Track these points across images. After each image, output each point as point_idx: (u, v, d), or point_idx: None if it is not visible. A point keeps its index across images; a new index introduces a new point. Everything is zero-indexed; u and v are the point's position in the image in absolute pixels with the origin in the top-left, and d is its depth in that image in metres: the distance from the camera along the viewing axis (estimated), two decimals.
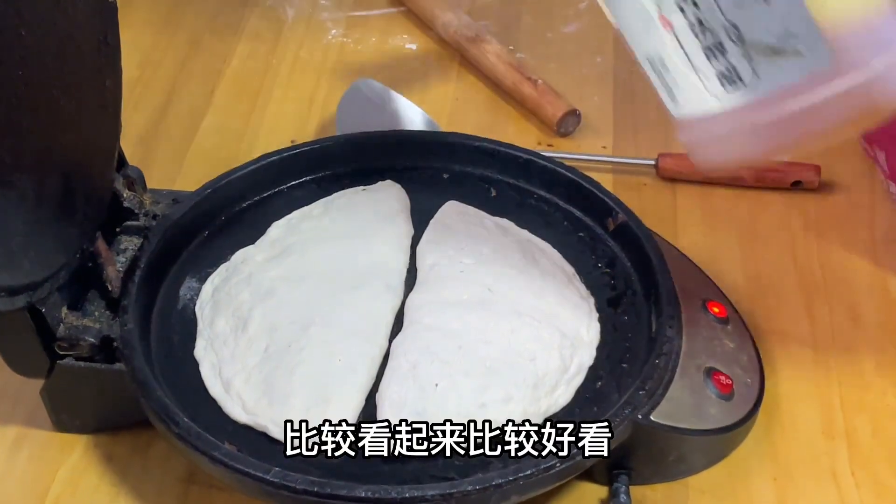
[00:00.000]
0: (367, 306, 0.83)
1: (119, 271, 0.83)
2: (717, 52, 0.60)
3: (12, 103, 0.71)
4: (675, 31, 0.63)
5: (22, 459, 0.82)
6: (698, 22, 0.61)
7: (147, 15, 1.26)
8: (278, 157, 0.94)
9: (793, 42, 0.57)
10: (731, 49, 0.60)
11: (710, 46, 0.61)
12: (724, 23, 0.59)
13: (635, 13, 0.64)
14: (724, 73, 0.60)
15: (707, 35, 0.61)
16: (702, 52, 0.61)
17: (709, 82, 0.62)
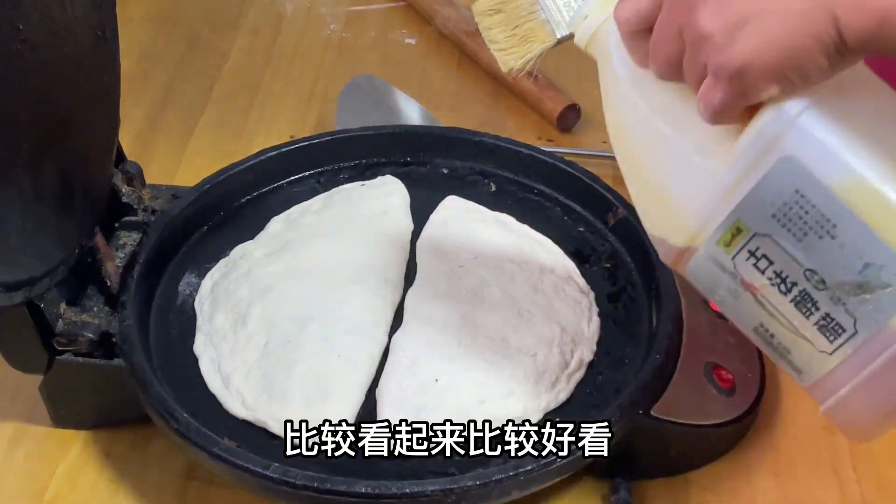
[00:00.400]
0: (367, 302, 0.82)
1: (118, 267, 0.83)
2: (807, 303, 0.56)
3: (9, 98, 0.70)
4: (761, 294, 0.58)
5: (20, 455, 0.82)
6: (777, 276, 0.57)
7: (146, 10, 1.26)
8: (277, 152, 0.94)
9: (875, 273, 0.53)
10: (820, 297, 0.55)
11: (796, 299, 0.57)
12: (803, 272, 0.56)
13: (719, 283, 0.61)
14: (822, 324, 0.56)
15: (793, 288, 0.56)
16: (794, 309, 0.57)
17: (815, 340, 0.57)
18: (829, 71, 0.51)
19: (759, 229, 0.57)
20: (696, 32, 0.53)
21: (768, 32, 0.50)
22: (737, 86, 0.53)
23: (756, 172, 0.56)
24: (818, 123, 0.54)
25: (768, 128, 0.54)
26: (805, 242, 0.55)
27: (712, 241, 0.59)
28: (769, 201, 0.56)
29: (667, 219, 0.62)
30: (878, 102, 0.56)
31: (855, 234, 0.53)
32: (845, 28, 0.49)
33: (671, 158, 0.60)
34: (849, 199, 0.53)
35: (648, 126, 0.61)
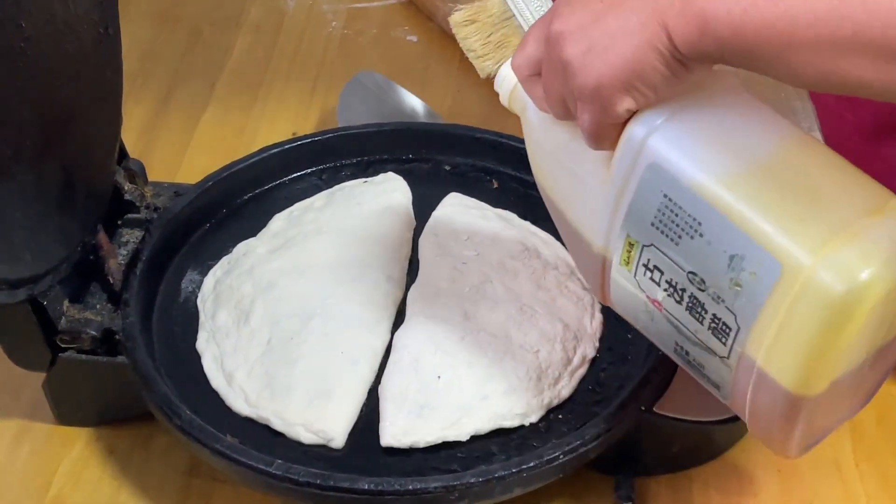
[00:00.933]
0: (369, 298, 0.82)
1: (120, 264, 0.83)
2: (697, 308, 0.59)
3: (12, 95, 0.70)
4: (664, 309, 0.61)
5: (24, 453, 0.82)
6: (669, 285, 0.60)
7: (147, 7, 1.26)
8: (280, 149, 0.94)
9: (739, 263, 0.55)
10: (705, 299, 0.58)
11: (688, 306, 0.59)
12: (686, 275, 0.58)
13: (636, 307, 0.63)
14: (713, 326, 0.58)
15: (683, 295, 0.59)
16: (690, 316, 0.59)
17: (713, 346, 0.59)
18: (673, 79, 0.56)
19: (644, 240, 0.60)
20: (561, 64, 0.58)
21: (614, 49, 0.55)
22: (596, 103, 0.57)
23: (631, 184, 0.59)
24: (677, 130, 0.58)
25: (634, 138, 0.58)
26: (681, 245, 0.58)
27: (616, 263, 0.63)
28: (647, 210, 0.59)
29: (583, 252, 0.66)
30: (742, 107, 0.60)
31: (718, 228, 0.56)
32: (674, 35, 0.53)
33: (575, 191, 0.65)
34: (707, 196, 0.56)
35: (556, 165, 0.66)
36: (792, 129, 0.59)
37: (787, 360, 0.56)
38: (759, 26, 0.51)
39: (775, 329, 0.55)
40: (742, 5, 0.51)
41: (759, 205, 0.55)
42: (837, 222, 0.54)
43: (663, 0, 0.53)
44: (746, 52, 0.52)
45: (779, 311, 0.54)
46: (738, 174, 0.56)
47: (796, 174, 0.57)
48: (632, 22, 0.54)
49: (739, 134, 0.58)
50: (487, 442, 0.75)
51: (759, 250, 0.55)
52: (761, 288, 0.55)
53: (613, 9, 0.56)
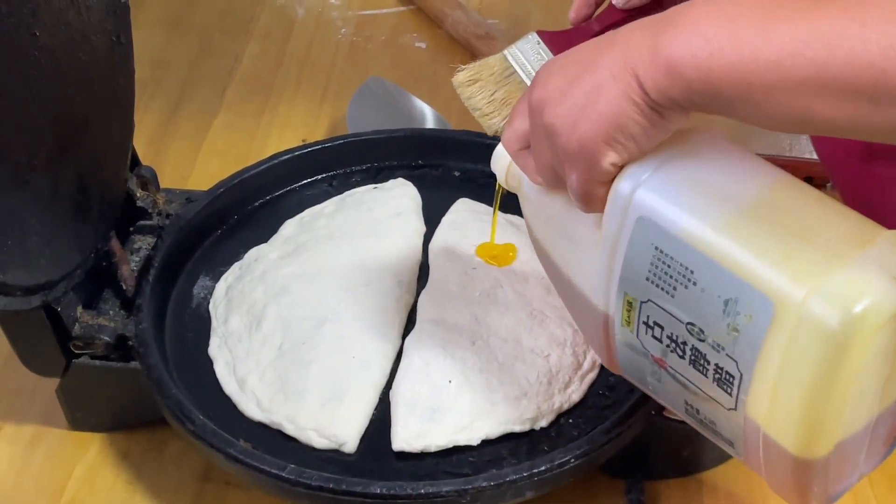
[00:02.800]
0: (380, 303, 0.83)
1: (133, 270, 0.84)
2: (700, 360, 0.58)
3: (27, 103, 0.71)
4: (670, 366, 0.60)
5: (38, 458, 0.82)
6: (671, 340, 0.59)
7: (158, 15, 1.27)
8: (290, 156, 0.95)
9: (734, 307, 0.54)
10: (706, 350, 0.57)
11: (691, 359, 0.58)
12: (685, 327, 0.57)
13: (642, 369, 0.62)
14: (717, 377, 0.57)
15: (685, 348, 0.58)
16: (694, 370, 0.58)
17: (720, 398, 0.58)
18: (652, 129, 0.56)
19: (642, 297, 0.59)
20: (545, 129, 0.58)
21: (592, 106, 0.55)
22: (582, 162, 0.57)
23: (623, 240, 0.59)
24: (663, 181, 0.58)
25: (621, 194, 0.58)
26: (677, 297, 0.57)
27: (618, 325, 0.62)
28: (640, 265, 0.58)
29: (586, 319, 0.65)
30: (723, 156, 0.60)
31: (710, 274, 0.55)
32: (645, 84, 0.54)
33: (572, 257, 0.65)
34: (696, 244, 0.56)
35: (554, 234, 0.66)
36: (778, 173, 0.59)
37: (788, 419, 0.54)
38: (725, 70, 0.51)
39: (773, 376, 0.54)
40: (708, 50, 0.51)
41: (748, 246, 0.55)
42: (828, 256, 0.54)
43: (633, 52, 0.54)
44: (714, 96, 0.52)
45: (776, 353, 0.53)
46: (726, 219, 0.56)
47: (784, 215, 0.56)
48: (605, 77, 0.55)
49: (725, 181, 0.58)
50: (499, 446, 0.75)
51: (751, 291, 0.54)
52: (757, 329, 0.54)
53: (589, 68, 0.56)
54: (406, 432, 0.75)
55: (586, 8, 0.74)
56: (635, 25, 0.55)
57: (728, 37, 0.51)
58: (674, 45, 0.52)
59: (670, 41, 0.53)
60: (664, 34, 0.53)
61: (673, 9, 0.54)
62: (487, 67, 0.75)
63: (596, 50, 0.57)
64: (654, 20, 0.55)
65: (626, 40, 0.55)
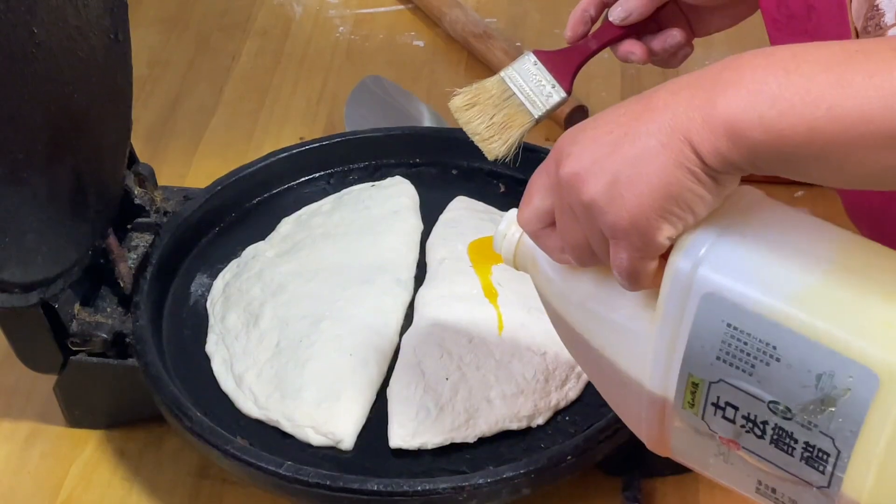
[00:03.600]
0: (378, 301, 0.83)
1: (131, 268, 0.84)
2: (785, 439, 0.54)
3: (24, 100, 0.71)
4: (743, 447, 0.56)
5: (35, 454, 0.83)
6: (747, 420, 0.55)
7: (156, 13, 1.27)
8: (288, 153, 0.95)
9: (829, 382, 0.51)
10: (794, 428, 0.53)
11: (773, 439, 0.54)
12: (767, 406, 0.53)
13: (706, 451, 0.58)
14: (807, 456, 0.53)
15: (765, 428, 0.54)
16: (777, 450, 0.54)
17: (809, 477, 0.54)
18: (709, 197, 0.52)
19: (711, 377, 0.55)
20: (582, 206, 0.53)
21: (641, 177, 0.51)
22: (634, 239, 0.53)
23: (686, 319, 0.55)
24: (726, 253, 0.54)
25: (681, 270, 0.54)
26: (756, 375, 0.53)
27: (678, 408, 0.57)
28: (709, 345, 0.54)
29: (632, 403, 0.61)
30: (781, 218, 0.56)
31: (797, 350, 0.52)
32: (700, 150, 0.49)
33: (614, 339, 0.60)
34: (778, 318, 0.52)
35: (586, 316, 0.61)
36: (842, 232, 0.56)
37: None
38: (799, 130, 0.47)
39: (882, 447, 0.50)
40: (777, 108, 0.47)
41: (838, 315, 0.51)
42: None
43: (681, 116, 0.50)
44: (783, 158, 0.48)
45: (884, 424, 0.50)
46: (805, 287, 0.52)
47: (865, 277, 0.52)
48: (652, 144, 0.50)
49: (791, 246, 0.54)
50: (496, 444, 0.75)
51: (850, 364, 0.50)
52: (859, 404, 0.50)
53: (629, 136, 0.51)
54: (403, 430, 0.75)
55: (582, 26, 0.72)
56: (678, 84, 0.51)
57: (798, 92, 0.47)
58: (734, 105, 0.48)
59: (729, 101, 0.48)
60: (720, 93, 0.48)
61: (721, 63, 0.50)
62: (485, 91, 0.72)
63: (633, 115, 0.52)
64: (700, 77, 0.50)
65: (671, 101, 0.50)
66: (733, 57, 0.50)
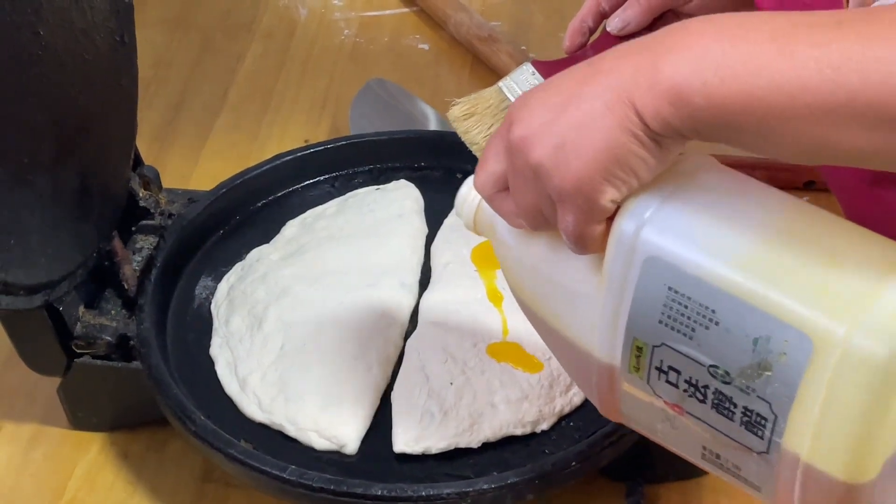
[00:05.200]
0: (382, 305, 0.83)
1: (135, 270, 0.84)
2: (725, 404, 0.54)
3: (29, 102, 0.71)
4: (687, 412, 0.56)
5: (39, 457, 0.83)
6: (689, 384, 0.55)
7: (160, 14, 1.27)
8: (293, 156, 0.95)
9: (765, 346, 0.51)
10: (732, 392, 0.53)
11: (714, 403, 0.54)
12: (707, 370, 0.53)
13: (652, 416, 0.58)
14: (746, 420, 0.53)
15: (706, 392, 0.54)
16: (718, 415, 0.55)
17: (749, 442, 0.54)
18: (653, 161, 0.52)
19: (654, 341, 0.55)
20: (530, 169, 0.53)
21: (585, 140, 0.51)
22: (579, 201, 0.53)
23: (629, 283, 0.55)
24: (669, 217, 0.54)
25: (625, 233, 0.54)
26: (696, 338, 0.53)
27: (625, 372, 0.57)
28: (651, 308, 0.54)
29: (582, 368, 0.61)
30: (728, 184, 0.56)
31: (735, 314, 0.52)
32: (644, 113, 0.49)
33: (565, 304, 0.60)
34: (717, 282, 0.52)
35: (540, 280, 0.61)
36: (785, 197, 0.56)
37: (834, 447, 0.51)
38: (739, 96, 0.47)
39: (817, 412, 0.50)
40: (720, 75, 0.47)
41: (777, 280, 0.51)
42: (863, 285, 0.50)
43: (627, 79, 0.50)
44: (723, 125, 0.48)
45: (818, 389, 0.50)
46: (746, 252, 0.52)
47: (806, 242, 0.53)
48: (597, 107, 0.50)
49: (735, 211, 0.54)
50: (500, 449, 0.75)
51: (786, 328, 0.50)
52: (794, 368, 0.50)
53: (575, 99, 0.51)
54: (407, 434, 0.75)
55: (580, 36, 0.71)
56: (624, 49, 0.51)
57: (741, 59, 0.47)
58: (677, 70, 0.48)
59: (673, 66, 0.48)
60: (665, 58, 0.49)
61: (666, 29, 0.50)
62: (483, 100, 0.72)
63: (580, 79, 0.52)
64: (646, 42, 0.50)
65: (616, 66, 0.51)
66: (681, 23, 0.50)
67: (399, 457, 0.75)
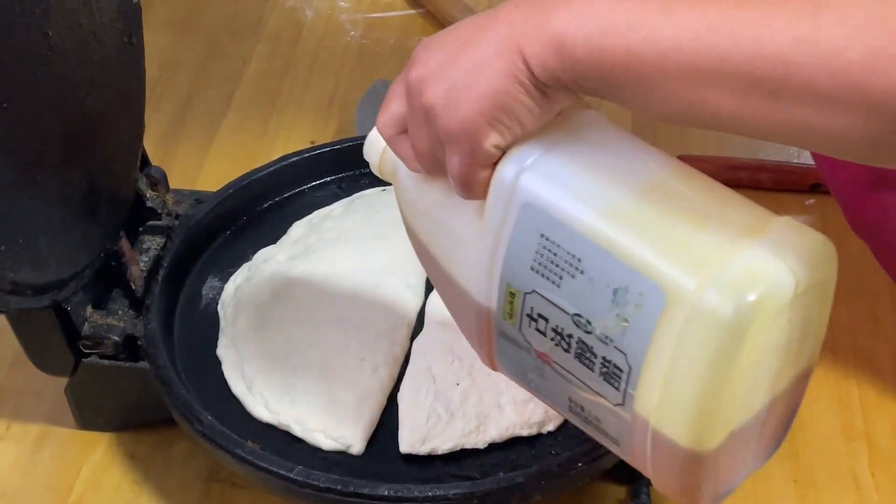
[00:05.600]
0: (389, 306, 0.83)
1: (142, 271, 0.84)
2: (586, 354, 0.55)
3: (38, 102, 0.71)
4: (554, 361, 0.57)
5: (45, 457, 0.83)
6: (556, 333, 0.55)
7: (167, 15, 1.27)
8: (299, 157, 0.95)
9: (623, 297, 0.52)
10: (593, 342, 0.54)
11: (577, 352, 0.55)
12: (571, 319, 0.54)
13: (524, 364, 0.59)
14: (604, 371, 0.54)
15: (570, 341, 0.55)
16: (580, 365, 0.55)
17: (606, 393, 0.55)
18: (537, 109, 0.53)
19: (525, 287, 0.56)
20: (423, 110, 0.54)
21: (474, 84, 0.52)
22: (464, 144, 0.53)
23: (506, 228, 0.56)
24: (549, 166, 0.55)
25: (504, 179, 0.55)
26: (563, 286, 0.54)
27: (500, 318, 0.58)
28: (524, 254, 0.55)
29: (466, 313, 0.62)
30: (613, 140, 0.57)
31: (599, 263, 0.53)
32: (530, 61, 0.50)
33: (452, 249, 0.61)
34: (584, 231, 0.53)
35: (432, 224, 0.62)
36: (668, 158, 0.56)
37: (679, 405, 0.52)
38: (618, 51, 0.48)
39: (666, 366, 0.51)
40: (601, 28, 0.48)
41: (640, 233, 0.52)
42: (721, 243, 0.51)
43: (517, 27, 0.51)
44: (603, 79, 0.49)
45: (668, 342, 0.51)
46: (616, 205, 0.53)
47: (675, 201, 0.53)
48: (489, 53, 0.51)
49: (614, 165, 0.55)
50: (506, 450, 0.75)
51: (642, 280, 0.51)
52: (648, 319, 0.51)
53: (470, 43, 0.52)
54: (413, 435, 0.75)
55: None
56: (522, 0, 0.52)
57: (624, 15, 0.48)
58: (563, 22, 0.49)
59: (560, 17, 0.49)
60: (554, 9, 0.50)
61: None
62: None
63: (478, 25, 0.53)
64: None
65: (511, 14, 0.52)
66: None
67: (405, 457, 0.75)
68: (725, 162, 1.03)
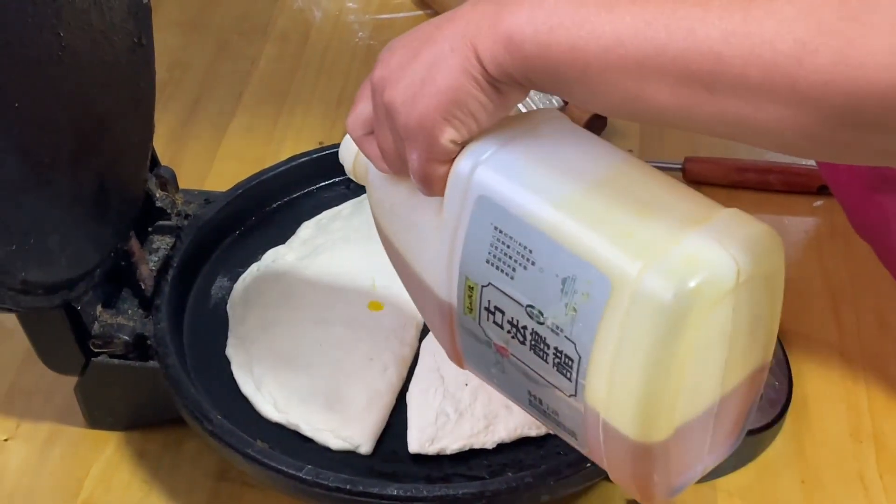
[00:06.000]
0: (398, 306, 0.83)
1: (152, 270, 0.84)
2: (540, 345, 0.55)
3: (50, 102, 0.72)
4: (512, 354, 0.57)
5: (55, 456, 0.83)
6: (512, 325, 0.56)
7: (176, 16, 1.27)
8: (308, 158, 0.95)
9: (572, 286, 0.52)
10: (546, 333, 0.54)
11: (531, 344, 0.55)
12: (525, 310, 0.55)
13: (486, 360, 0.60)
14: (557, 362, 0.55)
15: (525, 333, 0.56)
16: (535, 356, 0.56)
17: (560, 384, 0.55)
18: (491, 105, 0.54)
19: (482, 280, 0.57)
20: (384, 108, 0.55)
21: (431, 81, 0.53)
22: (421, 140, 0.55)
23: (463, 222, 0.57)
24: (503, 160, 0.56)
25: (461, 173, 0.56)
26: (516, 278, 0.55)
27: (461, 313, 0.59)
28: (480, 247, 0.56)
29: (431, 310, 0.62)
30: (569, 136, 0.58)
31: (548, 253, 0.54)
32: (482, 57, 0.52)
33: (416, 245, 0.62)
34: (534, 222, 0.54)
35: (397, 222, 0.63)
36: (622, 154, 0.57)
37: (625, 398, 0.52)
38: (563, 47, 0.49)
39: (612, 353, 0.52)
40: (549, 24, 0.49)
41: (587, 223, 0.53)
42: (665, 232, 0.52)
43: (472, 24, 0.52)
44: (551, 75, 0.51)
45: (613, 329, 0.51)
46: (565, 196, 0.54)
47: (625, 193, 0.54)
48: (444, 49, 0.53)
49: (567, 160, 0.56)
50: (515, 450, 0.75)
51: (588, 268, 0.52)
52: (595, 308, 0.52)
53: (428, 42, 0.54)
54: (422, 435, 0.75)
55: None
56: None
57: (570, 12, 0.49)
58: (514, 19, 0.50)
59: (511, 14, 0.51)
60: (507, 7, 0.51)
61: None
62: None
63: (437, 24, 0.54)
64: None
65: (468, 13, 0.53)
66: None
67: (414, 457, 0.75)
68: (733, 164, 1.03)
